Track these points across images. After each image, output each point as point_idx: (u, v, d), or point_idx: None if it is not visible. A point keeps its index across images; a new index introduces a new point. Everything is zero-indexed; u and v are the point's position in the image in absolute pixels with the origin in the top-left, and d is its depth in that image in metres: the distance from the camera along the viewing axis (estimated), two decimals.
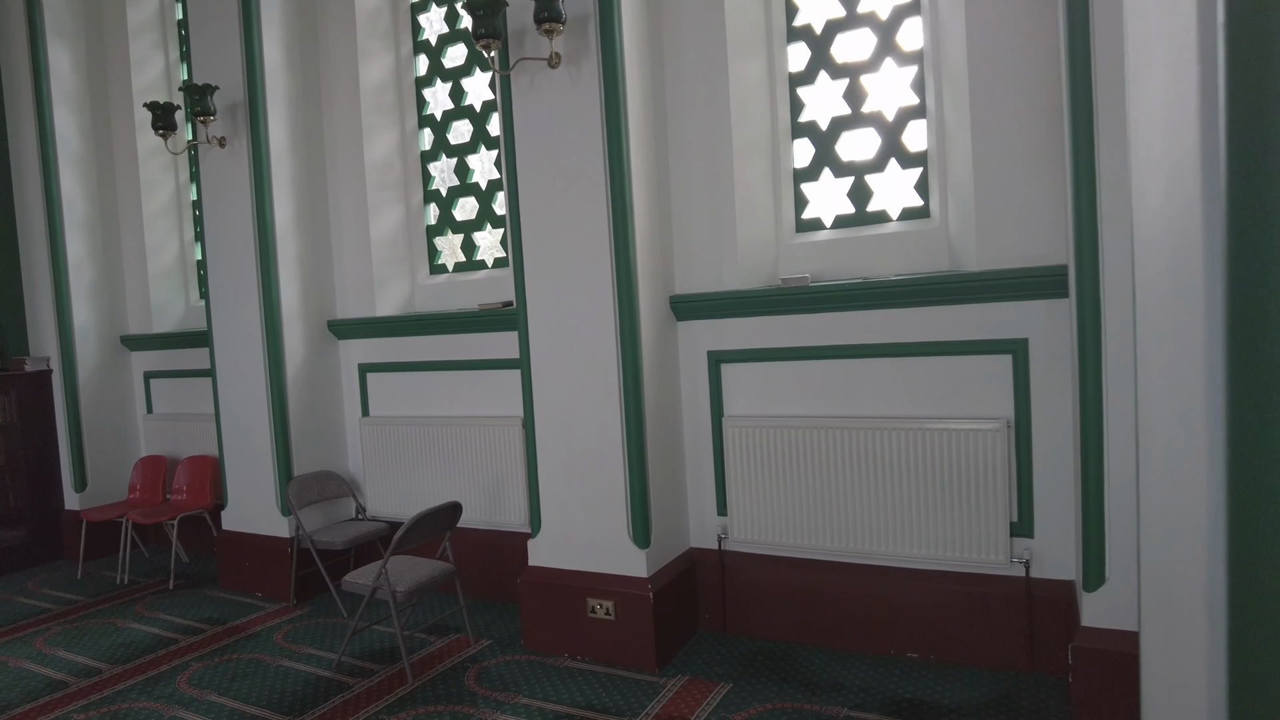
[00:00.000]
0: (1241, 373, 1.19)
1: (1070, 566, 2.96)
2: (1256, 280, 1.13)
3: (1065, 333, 2.87)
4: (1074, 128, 2.53)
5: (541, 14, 3.00)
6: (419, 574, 3.38)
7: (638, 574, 3.27)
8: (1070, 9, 2.50)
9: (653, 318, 3.40)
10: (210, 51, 4.39)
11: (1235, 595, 1.31)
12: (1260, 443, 1.22)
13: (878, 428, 3.15)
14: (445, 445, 4.22)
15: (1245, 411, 1.28)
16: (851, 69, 3.42)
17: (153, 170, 5.54)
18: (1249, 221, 1.14)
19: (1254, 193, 1.15)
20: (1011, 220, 2.95)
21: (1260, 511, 1.26)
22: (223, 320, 4.52)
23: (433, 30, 4.53)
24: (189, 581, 4.79)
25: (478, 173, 4.45)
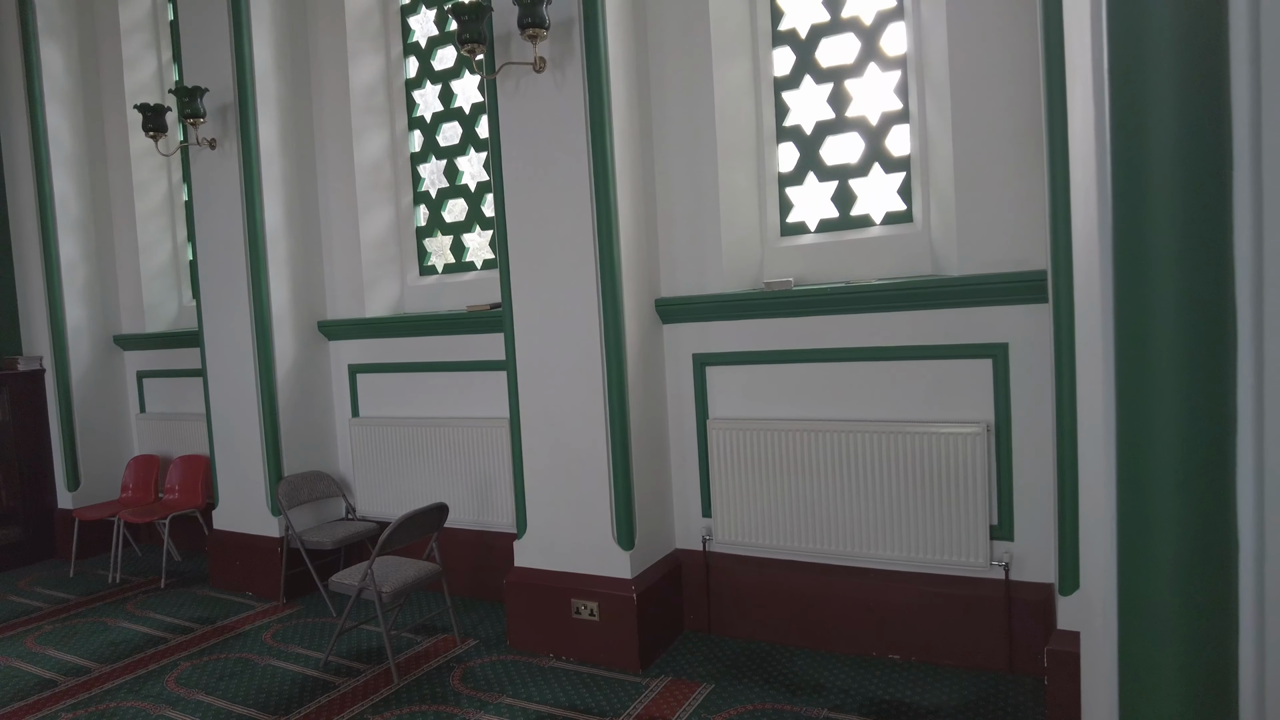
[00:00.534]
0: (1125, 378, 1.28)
1: (1049, 570, 2.99)
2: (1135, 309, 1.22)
3: (1045, 337, 2.89)
4: (1051, 135, 2.55)
5: (525, 19, 3.02)
6: (405, 575, 3.40)
7: (622, 575, 3.30)
8: (1047, 17, 2.52)
9: (638, 320, 3.42)
10: (200, 52, 4.41)
11: (1121, 601, 1.38)
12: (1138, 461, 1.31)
13: (860, 430, 3.18)
14: (434, 446, 4.25)
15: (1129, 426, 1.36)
16: (836, 73, 3.44)
17: (145, 170, 5.55)
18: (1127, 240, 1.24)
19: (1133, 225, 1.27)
20: (992, 225, 2.97)
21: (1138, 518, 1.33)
22: (213, 321, 4.54)
23: (422, 32, 4.55)
24: (180, 580, 4.81)
25: (467, 174, 4.47)
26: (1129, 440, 1.41)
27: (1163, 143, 1.31)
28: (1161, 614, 1.35)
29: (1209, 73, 1.27)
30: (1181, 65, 1.29)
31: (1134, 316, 1.37)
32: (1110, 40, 1.36)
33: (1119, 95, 1.35)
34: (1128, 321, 1.37)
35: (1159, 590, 1.36)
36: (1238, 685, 1.31)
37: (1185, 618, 1.33)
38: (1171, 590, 1.34)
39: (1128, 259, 1.37)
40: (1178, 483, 1.34)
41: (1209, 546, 1.32)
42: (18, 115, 5.39)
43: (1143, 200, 1.34)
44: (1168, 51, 1.30)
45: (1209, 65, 1.27)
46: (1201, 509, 1.32)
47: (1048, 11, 2.51)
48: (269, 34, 4.36)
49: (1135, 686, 1.38)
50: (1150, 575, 1.38)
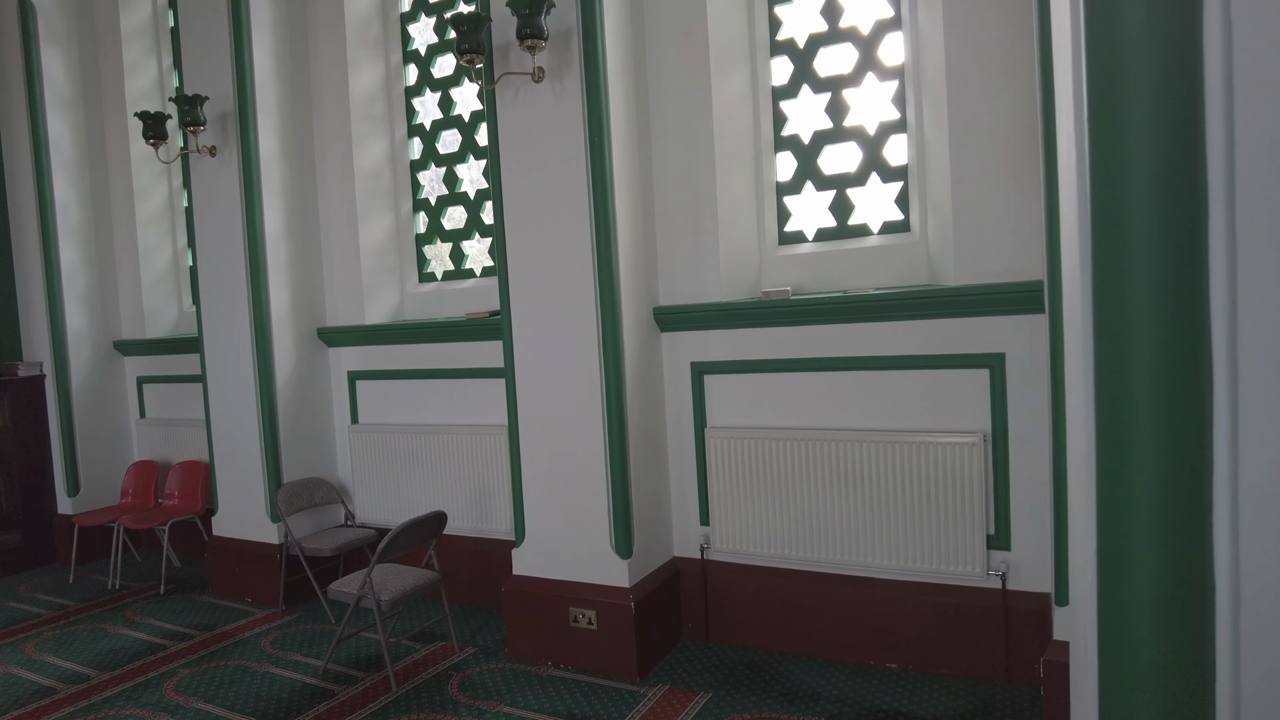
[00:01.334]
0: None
1: (1046, 579, 2.99)
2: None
3: (1042, 347, 2.90)
4: (1047, 146, 2.56)
5: (524, 30, 3.03)
6: (403, 583, 3.41)
7: (620, 584, 3.31)
8: (1043, 29, 2.53)
9: (636, 328, 3.43)
10: (201, 59, 4.42)
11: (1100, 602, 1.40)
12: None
13: (857, 440, 3.18)
14: (433, 453, 4.26)
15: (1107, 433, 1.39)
16: (833, 83, 3.45)
17: (146, 176, 5.57)
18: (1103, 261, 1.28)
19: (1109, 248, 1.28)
20: (989, 235, 2.97)
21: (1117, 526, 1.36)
22: (213, 327, 4.55)
23: (422, 40, 4.56)
24: (179, 587, 4.82)
25: (466, 182, 4.48)
26: (1108, 461, 1.43)
27: (1139, 165, 1.33)
28: (1141, 631, 1.37)
29: (1183, 88, 1.29)
30: (1156, 89, 1.31)
31: (1113, 331, 1.39)
32: (1089, 67, 1.37)
33: (1097, 118, 1.38)
34: (1107, 332, 1.39)
35: (1138, 608, 1.38)
36: (1215, 700, 1.33)
37: (1163, 634, 1.35)
38: (1150, 610, 1.37)
39: (1106, 277, 1.39)
40: (1155, 504, 1.36)
41: (1187, 565, 1.34)
42: (19, 121, 5.40)
43: (1121, 235, 1.37)
44: (1143, 72, 1.32)
45: (1184, 82, 1.30)
46: (1178, 527, 1.34)
47: (1043, 23, 2.53)
48: (269, 41, 4.37)
49: (1116, 700, 1.40)
50: (1129, 593, 1.40)
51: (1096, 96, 1.37)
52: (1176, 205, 1.30)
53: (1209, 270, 1.29)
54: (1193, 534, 1.33)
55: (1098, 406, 1.42)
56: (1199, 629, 1.33)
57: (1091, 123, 1.38)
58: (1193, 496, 1.33)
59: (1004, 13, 2.88)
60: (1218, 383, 1.30)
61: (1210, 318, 1.30)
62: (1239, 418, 1.30)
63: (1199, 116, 1.28)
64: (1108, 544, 1.43)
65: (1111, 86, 1.35)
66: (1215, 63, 1.27)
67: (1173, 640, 1.35)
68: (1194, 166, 1.29)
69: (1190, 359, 1.32)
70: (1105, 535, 1.43)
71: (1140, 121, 1.32)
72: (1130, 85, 1.33)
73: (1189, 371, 1.32)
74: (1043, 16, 2.52)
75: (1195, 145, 1.29)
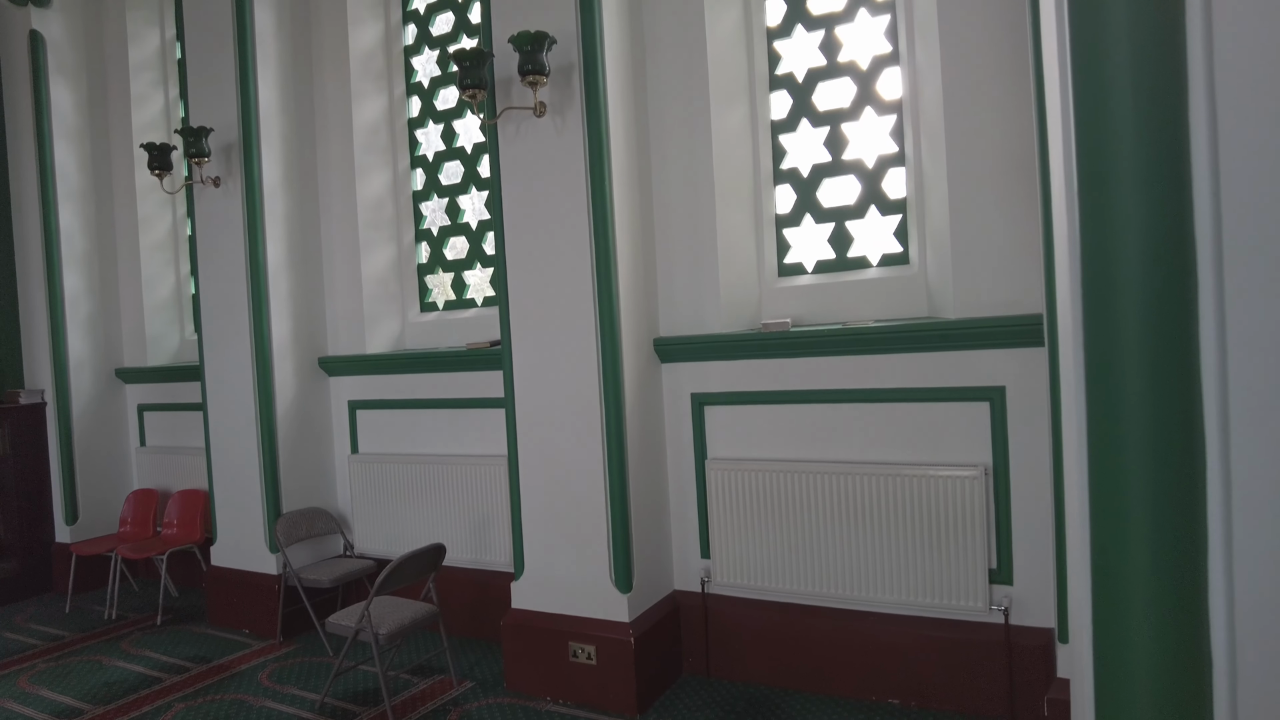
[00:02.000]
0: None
1: (1050, 614, 2.96)
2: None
3: (1042, 381, 2.90)
4: (1044, 180, 2.58)
5: (526, 66, 3.07)
6: (402, 616, 3.39)
7: (619, 618, 3.28)
8: (1038, 63, 2.56)
9: (636, 359, 3.43)
10: (207, 92, 4.47)
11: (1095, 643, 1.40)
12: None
13: (858, 473, 3.17)
14: (433, 483, 4.24)
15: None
16: (832, 117, 3.48)
17: (150, 205, 5.61)
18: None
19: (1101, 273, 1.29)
20: (988, 268, 2.98)
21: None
22: (214, 355, 4.56)
23: (425, 73, 4.62)
24: (176, 617, 4.78)
25: (469, 212, 4.51)
26: (1101, 499, 1.43)
27: (1125, 199, 1.35)
28: (1137, 669, 1.36)
29: (1168, 117, 1.31)
30: (1142, 118, 1.33)
31: (1104, 365, 1.40)
32: (1076, 102, 1.39)
33: (1085, 165, 1.39)
34: (1098, 368, 1.40)
35: (1135, 648, 1.37)
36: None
37: (1160, 673, 1.35)
38: (1146, 650, 1.36)
39: (1096, 311, 1.40)
40: (1150, 545, 1.36)
41: (1183, 607, 1.33)
42: (26, 151, 5.46)
43: (1112, 279, 1.38)
44: (1128, 103, 1.34)
45: (1168, 111, 1.32)
46: (1174, 567, 1.34)
47: (1038, 58, 2.55)
48: (274, 74, 4.43)
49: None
50: (1125, 633, 1.39)
51: (1084, 130, 1.39)
52: (1164, 238, 1.31)
53: (1198, 298, 1.30)
54: (1189, 574, 1.32)
55: (1090, 443, 1.42)
56: (1195, 671, 1.32)
57: (1079, 156, 1.40)
58: (1188, 535, 1.32)
59: (1000, 48, 2.91)
60: (1208, 415, 1.30)
61: (1200, 349, 1.30)
62: (1230, 451, 1.30)
63: (1184, 146, 1.30)
64: (1103, 584, 1.43)
65: (1098, 118, 1.37)
66: (1199, 96, 1.28)
67: (1170, 680, 1.34)
68: (1180, 197, 1.30)
69: (1180, 391, 1.32)
70: (1100, 576, 1.42)
71: (1126, 153, 1.34)
72: (1116, 116, 1.35)
73: (1179, 403, 1.33)
74: (1037, 51, 2.55)
75: (1181, 173, 1.30)
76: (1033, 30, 2.56)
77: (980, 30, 2.94)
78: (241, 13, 4.31)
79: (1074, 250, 1.42)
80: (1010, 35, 2.88)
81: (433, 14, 4.54)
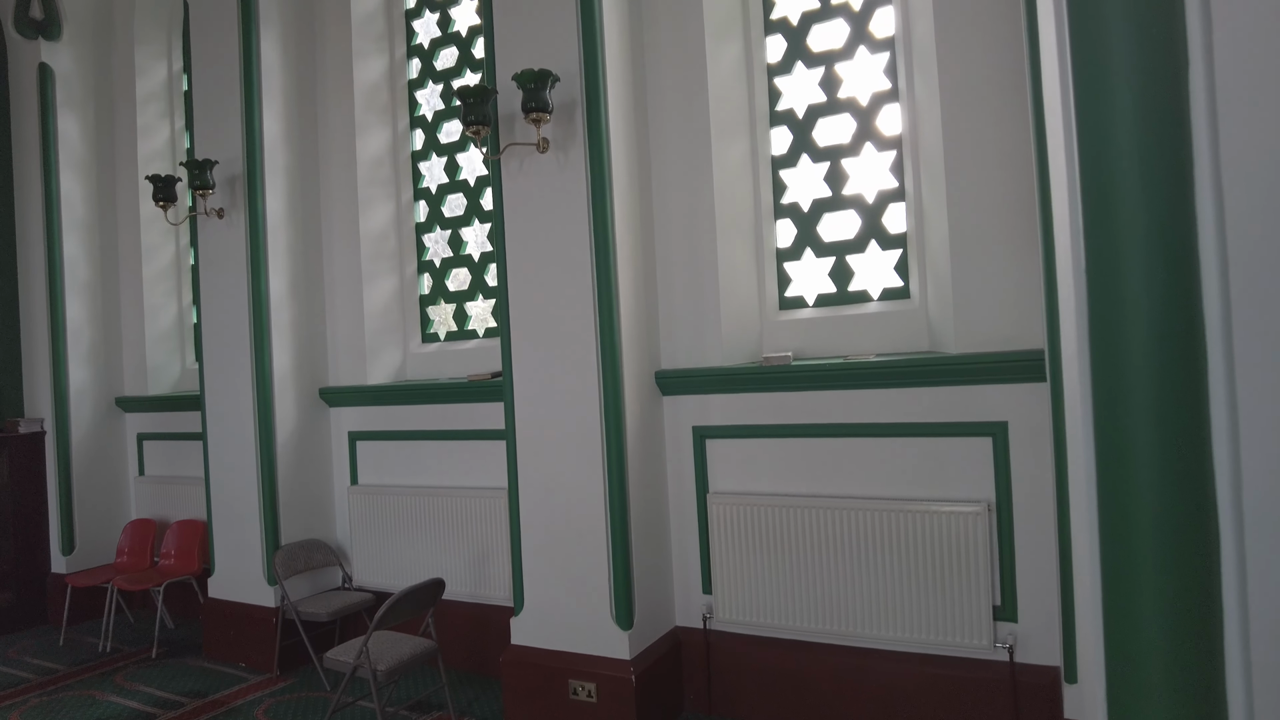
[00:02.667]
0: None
1: (1055, 652, 2.93)
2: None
3: (1044, 416, 2.89)
4: (1044, 215, 2.60)
5: (529, 104, 3.10)
6: (400, 652, 3.35)
7: (620, 656, 3.24)
8: (1037, 98, 2.58)
9: (637, 392, 3.43)
10: (213, 124, 4.52)
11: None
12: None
13: (860, 508, 3.16)
14: (432, 515, 4.22)
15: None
16: (832, 152, 3.51)
17: (154, 235, 5.64)
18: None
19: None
20: (989, 303, 2.99)
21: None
22: (215, 385, 4.55)
23: (429, 107, 4.67)
24: (172, 650, 4.73)
25: (471, 244, 4.54)
26: (1112, 540, 1.42)
27: (1132, 227, 1.36)
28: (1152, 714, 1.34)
29: (1171, 149, 1.33)
30: (1147, 152, 1.35)
31: (1112, 402, 1.40)
32: (1080, 143, 1.41)
33: (1090, 194, 1.41)
34: (1105, 404, 1.40)
35: (1149, 699, 1.36)
36: None
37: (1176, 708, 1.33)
38: (1161, 696, 1.34)
39: (1103, 347, 1.40)
40: (1161, 589, 1.35)
41: (1197, 640, 1.32)
42: (32, 182, 5.50)
43: (1118, 300, 1.38)
44: (1133, 139, 1.36)
45: (1172, 144, 1.33)
46: (1186, 609, 1.33)
47: (1037, 92, 2.57)
48: (280, 107, 4.48)
49: None
50: (1139, 678, 1.38)
51: (1088, 166, 1.40)
52: (1170, 271, 1.32)
53: (1205, 330, 1.30)
54: (1204, 615, 1.31)
55: (1099, 482, 1.41)
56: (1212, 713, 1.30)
57: (1084, 193, 1.41)
58: (1202, 573, 1.31)
59: (999, 85, 2.95)
60: (1218, 455, 1.30)
61: (1209, 385, 1.30)
62: (1242, 492, 1.29)
63: (1189, 182, 1.31)
64: (1115, 628, 1.41)
65: (1102, 154, 1.38)
66: (1202, 129, 1.29)
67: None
68: (1186, 229, 1.31)
69: (1190, 427, 1.32)
70: (1112, 619, 1.41)
71: (1132, 189, 1.35)
72: (1120, 155, 1.36)
73: (1189, 440, 1.32)
74: (1036, 88, 2.57)
75: (1186, 208, 1.31)
76: (1031, 67, 2.60)
77: (979, 67, 2.98)
78: (248, 47, 4.37)
79: (1080, 290, 1.42)
80: (1009, 73, 2.92)
81: (437, 49, 4.61)
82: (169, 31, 5.72)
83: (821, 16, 3.53)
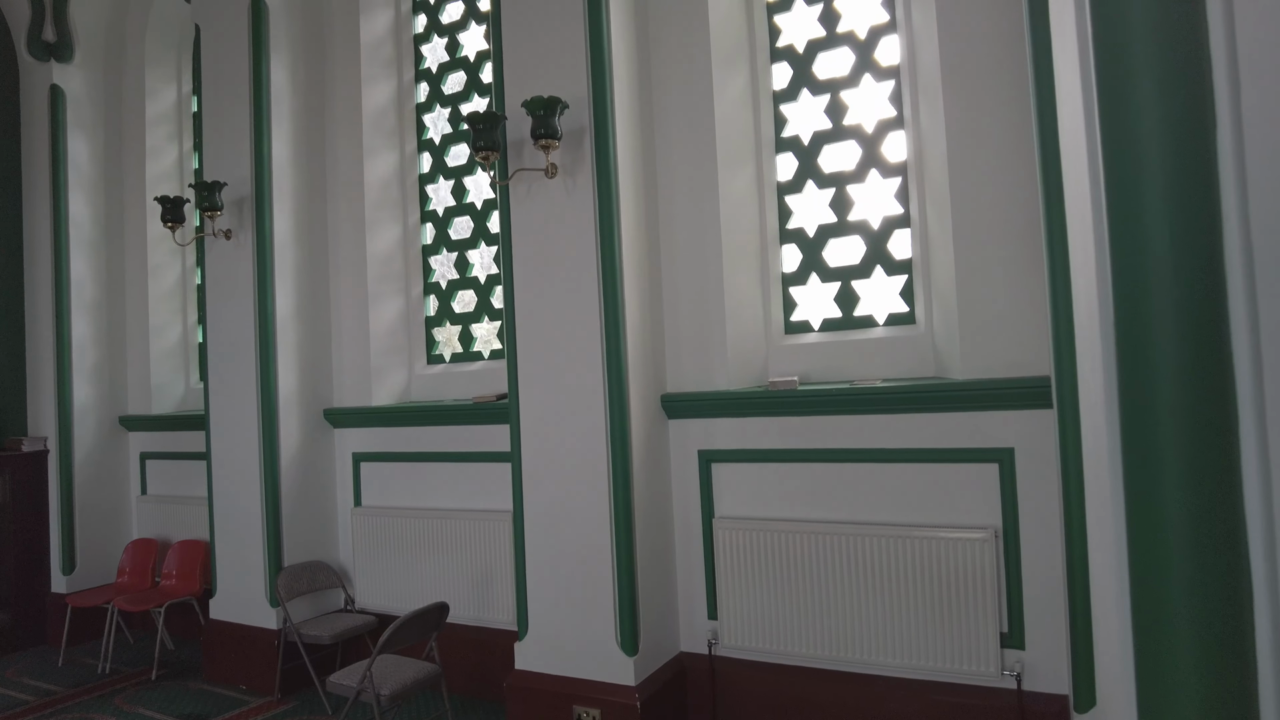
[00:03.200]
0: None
1: (1063, 680, 2.92)
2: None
3: (1051, 442, 2.89)
4: (1050, 242, 2.60)
5: (539, 130, 3.13)
6: (404, 676, 3.33)
7: (625, 682, 3.22)
8: (1042, 126, 2.59)
9: (643, 415, 3.43)
10: (222, 147, 4.56)
11: None
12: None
13: (867, 534, 3.15)
14: (436, 538, 4.21)
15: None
16: (837, 179, 3.54)
17: (161, 254, 5.67)
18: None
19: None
20: (994, 329, 3.00)
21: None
22: (220, 405, 4.56)
23: (436, 130, 4.71)
24: (172, 672, 4.70)
25: (477, 267, 4.56)
26: (1141, 575, 1.41)
27: (1159, 249, 1.37)
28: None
29: (1198, 176, 1.34)
30: (1173, 185, 1.36)
31: (1140, 434, 1.39)
32: (1106, 167, 1.42)
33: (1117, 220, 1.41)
34: (1133, 435, 1.40)
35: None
36: None
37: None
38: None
39: (1130, 379, 1.41)
40: (1191, 619, 1.34)
41: (1230, 678, 1.32)
42: (41, 202, 5.54)
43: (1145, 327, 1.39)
44: (1158, 170, 1.37)
45: (1198, 171, 1.34)
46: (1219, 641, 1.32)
47: (1043, 120, 2.59)
48: (288, 131, 4.52)
49: None
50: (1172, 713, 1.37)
51: (1115, 196, 1.41)
52: (1196, 302, 1.32)
53: (1234, 362, 1.30)
54: (1235, 654, 1.31)
55: (1129, 512, 1.41)
56: None
57: (1111, 224, 1.41)
58: (1232, 603, 1.31)
59: (1004, 112, 2.98)
60: (1248, 484, 1.30)
61: (1239, 415, 1.30)
62: (1274, 521, 1.28)
63: (1217, 219, 1.32)
64: (1147, 664, 1.40)
65: (1129, 188, 1.39)
66: (1227, 153, 1.31)
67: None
68: (1214, 259, 1.32)
69: (1217, 455, 1.32)
70: (1144, 660, 1.40)
71: (1159, 223, 1.36)
72: (1146, 185, 1.37)
73: (1217, 469, 1.32)
74: (1041, 117, 2.59)
75: (1213, 239, 1.32)
76: (1036, 95, 2.61)
77: (984, 95, 3.01)
78: (258, 70, 4.42)
79: (1105, 317, 1.42)
80: (1013, 101, 2.95)
81: (444, 73, 4.65)
82: (179, 54, 5.79)
83: (827, 45, 3.58)
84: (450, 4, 4.67)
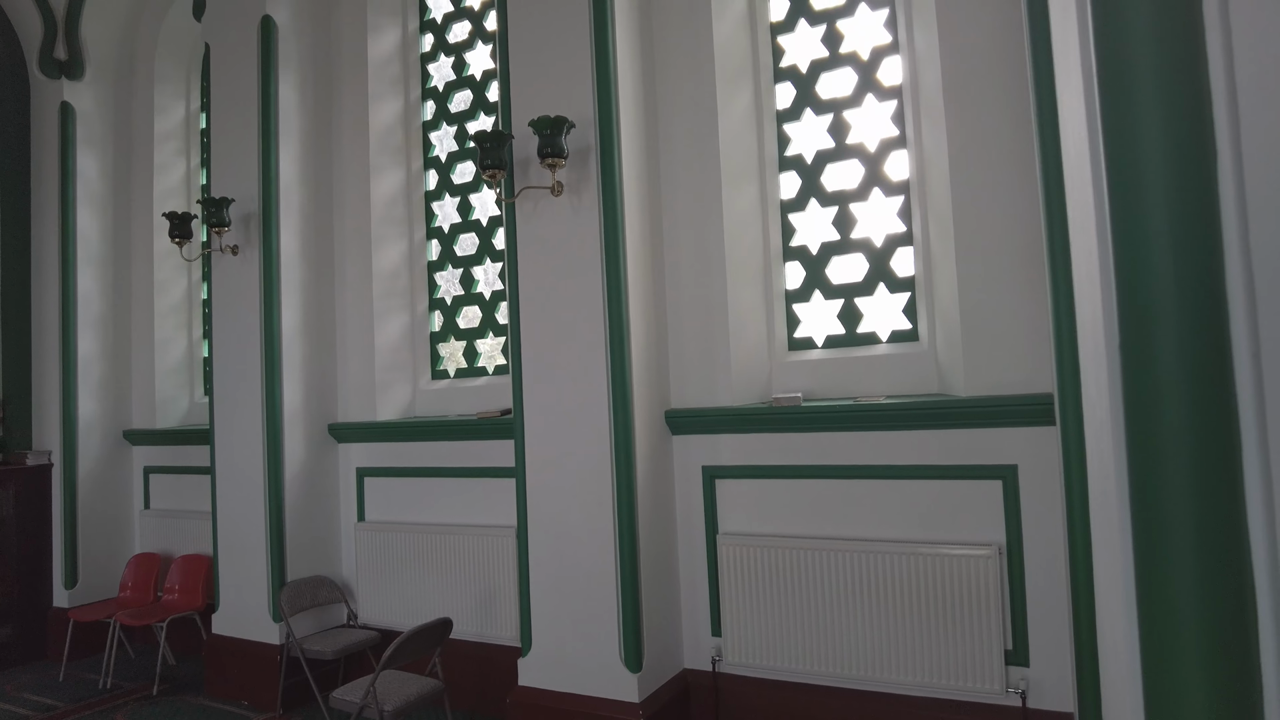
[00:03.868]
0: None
1: (1068, 698, 2.91)
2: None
3: (1054, 460, 2.90)
4: (1052, 260, 2.62)
5: (545, 149, 3.17)
6: (408, 692, 3.32)
7: (629, 699, 3.22)
8: (1044, 144, 2.62)
9: (648, 431, 3.45)
10: (229, 164, 4.60)
11: None
12: None
13: (870, 550, 3.16)
14: (439, 553, 4.21)
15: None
16: (840, 197, 3.57)
17: (167, 269, 5.70)
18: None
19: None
20: (997, 346, 3.02)
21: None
22: (225, 420, 4.57)
23: (443, 148, 4.75)
24: (173, 687, 4.69)
25: (482, 283, 4.59)
26: (1149, 595, 1.42)
27: (1163, 264, 1.38)
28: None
29: (1199, 191, 1.36)
30: (1174, 197, 1.38)
31: (1147, 450, 1.41)
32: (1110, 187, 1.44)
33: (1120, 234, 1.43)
34: (1140, 450, 1.41)
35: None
36: None
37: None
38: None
39: (1136, 394, 1.42)
40: (1200, 646, 1.35)
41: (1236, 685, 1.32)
42: (49, 217, 5.58)
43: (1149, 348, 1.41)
44: (1161, 184, 1.39)
45: (1199, 186, 1.36)
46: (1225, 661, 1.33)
47: (1044, 139, 2.62)
48: (296, 147, 4.56)
49: None
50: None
51: (1118, 215, 1.43)
52: (1200, 320, 1.34)
53: (1236, 380, 1.32)
54: (1240, 666, 1.31)
55: (1134, 530, 1.42)
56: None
57: (1115, 242, 1.43)
58: (1238, 622, 1.31)
59: (1006, 131, 3.01)
60: (1251, 502, 1.31)
61: (1240, 429, 1.31)
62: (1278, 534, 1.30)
63: (1218, 239, 1.33)
64: (1153, 681, 1.41)
65: (1132, 206, 1.41)
66: (1228, 172, 1.33)
67: None
68: (1216, 277, 1.33)
69: (1221, 472, 1.33)
70: (1150, 677, 1.40)
71: (1162, 240, 1.38)
72: (1150, 204, 1.39)
73: (1222, 486, 1.33)
74: (1043, 135, 2.61)
75: (1215, 257, 1.33)
76: (1038, 115, 2.64)
77: (986, 115, 3.05)
78: (267, 88, 4.47)
79: (1111, 334, 1.44)
80: (1015, 120, 2.99)
81: (451, 91, 4.71)
82: (188, 71, 5.86)
83: (830, 65, 3.62)
84: (457, 24, 4.73)
